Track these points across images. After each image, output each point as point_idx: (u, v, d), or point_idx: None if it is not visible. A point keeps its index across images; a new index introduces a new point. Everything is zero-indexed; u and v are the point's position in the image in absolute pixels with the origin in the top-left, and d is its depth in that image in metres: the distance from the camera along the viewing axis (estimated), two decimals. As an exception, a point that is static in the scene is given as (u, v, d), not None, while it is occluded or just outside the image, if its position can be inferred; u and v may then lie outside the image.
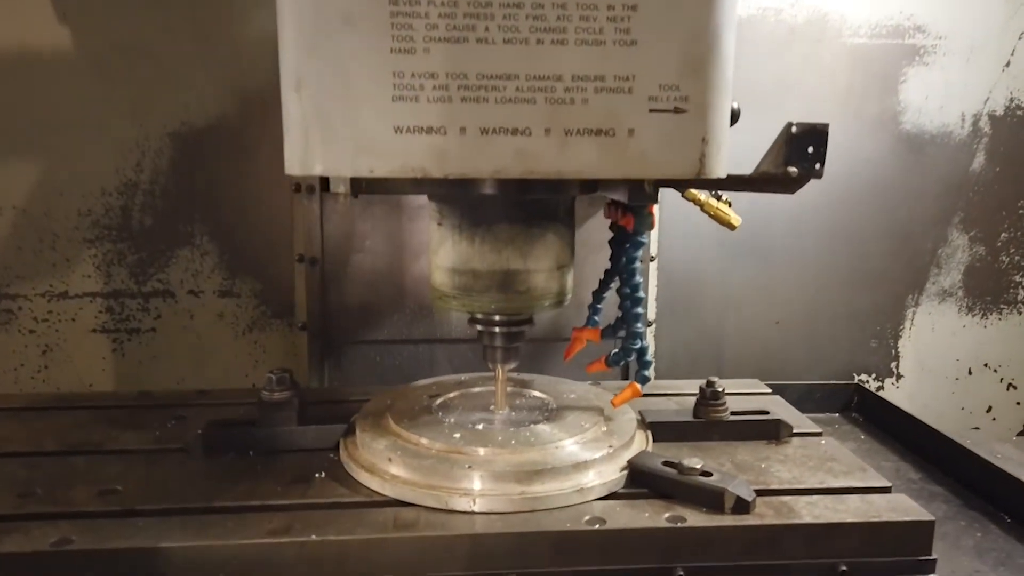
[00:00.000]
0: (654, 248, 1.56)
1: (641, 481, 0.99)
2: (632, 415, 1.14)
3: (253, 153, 1.48)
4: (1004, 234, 1.68)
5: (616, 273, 1.13)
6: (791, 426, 1.17)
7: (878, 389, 1.68)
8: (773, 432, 1.16)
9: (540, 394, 1.22)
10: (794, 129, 0.82)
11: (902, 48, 1.58)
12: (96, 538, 0.86)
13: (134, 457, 1.08)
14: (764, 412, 1.19)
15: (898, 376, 1.73)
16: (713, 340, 1.66)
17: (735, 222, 1.13)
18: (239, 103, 1.46)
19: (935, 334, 1.71)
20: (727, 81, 0.87)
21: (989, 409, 1.76)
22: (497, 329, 1.08)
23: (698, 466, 0.96)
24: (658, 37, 0.83)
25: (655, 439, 1.12)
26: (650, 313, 1.58)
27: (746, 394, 1.36)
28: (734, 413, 1.18)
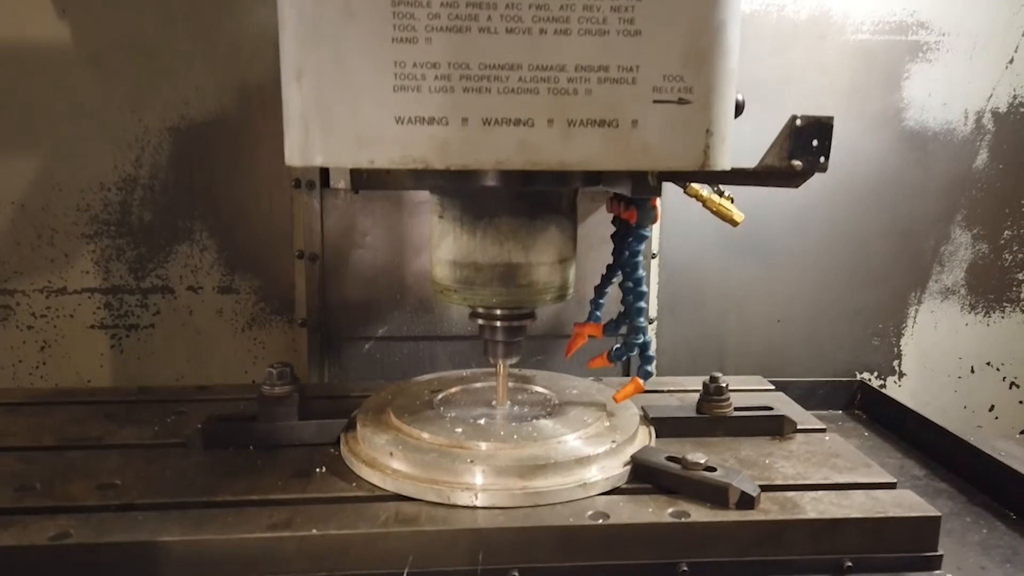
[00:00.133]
0: (655, 245, 1.55)
1: (644, 476, 0.99)
2: (635, 410, 1.13)
3: (253, 148, 1.48)
4: (1007, 232, 1.67)
5: (618, 267, 1.13)
6: (795, 422, 1.17)
7: (880, 387, 1.67)
8: (777, 428, 1.16)
9: (542, 389, 1.21)
10: (798, 122, 0.82)
11: (905, 45, 1.57)
12: (94, 532, 0.85)
13: (133, 452, 1.07)
14: (768, 408, 1.18)
15: (900, 375, 1.72)
16: (714, 338, 1.66)
17: (738, 218, 1.12)
18: (239, 98, 1.46)
19: (937, 332, 1.71)
20: (732, 72, 0.86)
21: (992, 408, 1.75)
22: (499, 323, 1.07)
23: (702, 461, 0.96)
24: (662, 27, 0.82)
25: (658, 435, 1.12)
26: (651, 311, 1.57)
27: (749, 391, 1.36)
28: (737, 409, 1.17)
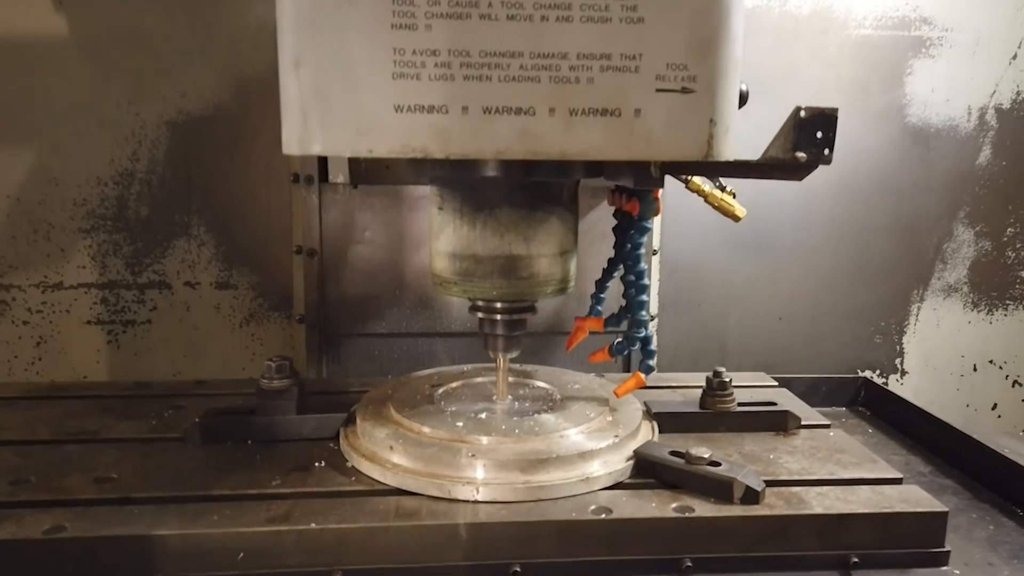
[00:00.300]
0: (657, 241, 1.54)
1: (647, 471, 0.98)
2: (637, 405, 1.12)
3: (251, 143, 1.46)
4: (1010, 229, 1.66)
5: (620, 261, 1.11)
6: (799, 418, 1.16)
7: (883, 385, 1.66)
8: (781, 423, 1.15)
9: (543, 384, 1.20)
10: (803, 113, 0.80)
11: (908, 40, 1.56)
12: (90, 525, 0.84)
13: (130, 445, 1.06)
14: (771, 404, 1.17)
15: (902, 372, 1.71)
16: (716, 334, 1.65)
17: (740, 213, 1.11)
18: (237, 92, 1.44)
19: (940, 330, 1.70)
20: (736, 61, 0.85)
21: (994, 406, 1.74)
22: (499, 316, 1.06)
23: (706, 456, 0.94)
24: (665, 14, 0.81)
25: (660, 430, 1.11)
26: (652, 308, 1.56)
27: (752, 387, 1.35)
28: (740, 404, 1.16)
